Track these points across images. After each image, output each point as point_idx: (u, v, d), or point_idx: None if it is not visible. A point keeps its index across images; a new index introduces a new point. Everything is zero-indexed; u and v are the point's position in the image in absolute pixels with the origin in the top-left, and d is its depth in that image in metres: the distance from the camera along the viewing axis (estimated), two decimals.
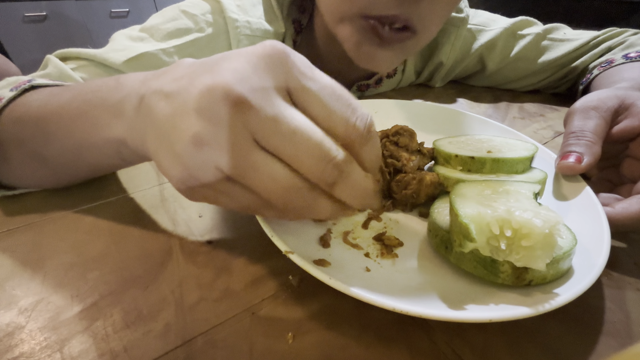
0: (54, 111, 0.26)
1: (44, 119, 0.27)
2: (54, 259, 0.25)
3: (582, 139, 0.29)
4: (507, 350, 0.20)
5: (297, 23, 0.51)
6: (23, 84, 0.30)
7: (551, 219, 0.19)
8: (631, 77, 0.42)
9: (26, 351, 0.19)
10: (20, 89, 0.29)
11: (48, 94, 0.28)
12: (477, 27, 0.60)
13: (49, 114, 0.26)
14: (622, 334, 0.21)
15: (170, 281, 0.23)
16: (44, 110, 0.27)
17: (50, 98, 0.27)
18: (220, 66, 0.17)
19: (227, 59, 0.18)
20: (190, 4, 0.46)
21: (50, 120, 0.26)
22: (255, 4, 0.48)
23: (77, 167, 0.29)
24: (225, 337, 0.20)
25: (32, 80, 0.31)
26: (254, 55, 0.17)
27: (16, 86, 0.30)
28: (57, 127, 0.26)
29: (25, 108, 0.28)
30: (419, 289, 0.22)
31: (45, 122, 0.27)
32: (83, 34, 1.88)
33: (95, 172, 0.31)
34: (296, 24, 0.51)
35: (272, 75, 0.17)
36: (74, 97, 0.26)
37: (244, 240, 0.27)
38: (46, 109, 0.27)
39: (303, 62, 0.18)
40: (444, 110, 0.42)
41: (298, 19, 0.51)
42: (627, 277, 0.25)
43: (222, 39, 0.46)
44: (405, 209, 0.31)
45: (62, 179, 0.31)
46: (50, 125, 0.26)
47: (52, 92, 0.28)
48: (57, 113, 0.26)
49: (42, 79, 0.32)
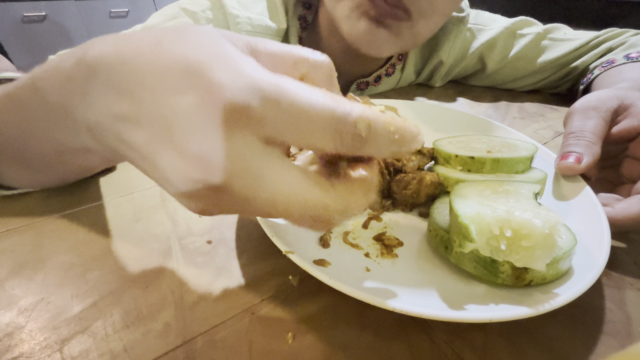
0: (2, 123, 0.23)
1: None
2: (54, 259, 0.25)
3: (581, 139, 0.29)
4: (507, 350, 0.20)
5: (302, 19, 0.52)
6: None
7: (551, 219, 0.19)
8: (632, 77, 0.42)
9: (26, 351, 0.19)
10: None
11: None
12: (477, 27, 0.60)
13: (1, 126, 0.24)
14: (622, 334, 0.21)
15: (170, 281, 0.23)
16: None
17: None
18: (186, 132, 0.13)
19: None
20: (190, 1, 0.46)
21: (10, 125, 0.24)
22: (257, 0, 0.49)
23: (60, 169, 0.27)
24: (225, 337, 0.20)
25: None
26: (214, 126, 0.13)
27: None
28: (14, 137, 0.24)
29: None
30: (419, 289, 0.22)
31: (6, 127, 0.24)
32: (82, 34, 1.88)
33: (85, 172, 0.30)
34: (302, 20, 0.52)
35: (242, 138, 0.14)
36: (7, 108, 0.23)
37: (244, 240, 0.27)
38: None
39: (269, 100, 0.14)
40: (444, 110, 0.42)
41: (304, 16, 0.52)
42: (627, 277, 0.25)
43: None
44: (405, 209, 0.31)
45: (52, 181, 0.30)
46: (5, 134, 0.24)
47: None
48: (4, 124, 0.23)
49: (10, 72, 0.29)
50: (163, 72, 0.14)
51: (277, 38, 0.50)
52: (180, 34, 0.15)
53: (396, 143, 0.16)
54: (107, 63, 0.15)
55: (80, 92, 0.17)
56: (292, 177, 0.15)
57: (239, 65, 0.14)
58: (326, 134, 0.14)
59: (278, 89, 0.13)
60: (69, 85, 0.18)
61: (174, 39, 0.15)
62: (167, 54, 0.14)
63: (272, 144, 0.14)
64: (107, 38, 0.17)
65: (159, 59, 0.14)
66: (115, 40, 0.16)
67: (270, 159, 0.14)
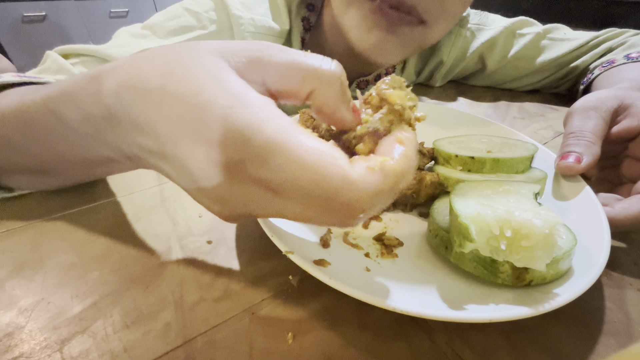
0: (16, 136, 0.24)
1: (19, 139, 0.24)
2: (54, 259, 0.25)
3: (581, 139, 0.29)
4: (507, 350, 0.20)
5: (306, 21, 0.52)
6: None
7: (551, 219, 0.19)
8: (632, 77, 0.42)
9: (26, 351, 0.19)
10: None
11: (17, 104, 0.24)
12: (477, 26, 0.61)
13: (14, 136, 0.24)
14: (622, 334, 0.21)
15: (170, 281, 0.23)
16: (5, 129, 0.24)
17: (3, 117, 0.24)
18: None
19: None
20: (193, 2, 0.46)
21: (17, 140, 0.24)
22: (260, 2, 0.48)
23: (82, 177, 0.28)
24: (225, 337, 0.20)
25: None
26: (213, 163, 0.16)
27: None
28: (33, 151, 0.24)
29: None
30: (419, 289, 0.22)
31: (26, 144, 0.24)
32: (82, 34, 1.88)
33: (103, 176, 0.31)
34: (305, 22, 0.52)
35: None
36: (27, 126, 0.23)
37: (244, 240, 0.27)
38: (7, 129, 0.24)
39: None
40: (444, 110, 0.42)
41: (307, 17, 0.52)
42: (627, 277, 0.25)
43: (225, 36, 0.46)
44: (405, 209, 0.31)
45: (67, 183, 0.30)
46: (20, 145, 0.24)
47: (7, 104, 0.25)
48: (21, 137, 0.24)
49: (8, 75, 0.30)
50: (174, 124, 0.16)
51: (279, 39, 0.50)
52: (182, 72, 0.16)
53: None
54: (124, 103, 0.17)
55: (104, 128, 0.19)
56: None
57: (236, 103, 0.15)
58: (315, 203, 0.15)
59: (268, 144, 0.14)
60: (92, 122, 0.19)
61: (177, 80, 0.16)
62: (173, 101, 0.16)
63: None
64: (117, 71, 0.18)
65: (166, 98, 0.16)
66: (126, 73, 0.17)
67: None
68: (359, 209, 0.15)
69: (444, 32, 0.44)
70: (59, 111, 0.21)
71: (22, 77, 0.30)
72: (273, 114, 0.15)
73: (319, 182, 0.14)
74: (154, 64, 0.17)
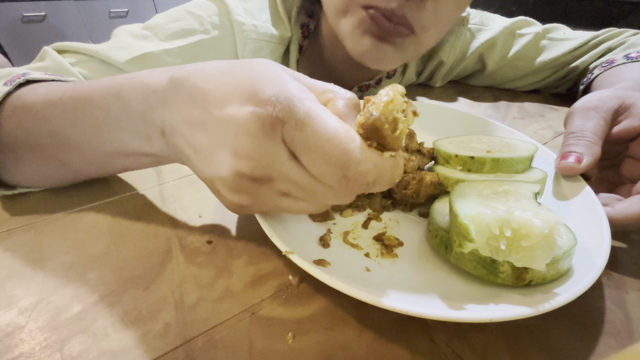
0: (62, 122, 0.26)
1: (53, 127, 0.26)
2: (54, 259, 0.25)
3: (582, 139, 0.29)
4: (507, 350, 0.20)
5: (305, 28, 0.52)
6: (17, 78, 0.29)
7: (551, 219, 0.19)
8: (632, 77, 0.42)
9: (26, 351, 0.19)
10: (15, 83, 0.28)
11: (45, 96, 0.27)
12: (477, 27, 0.61)
13: (58, 124, 0.26)
14: (622, 334, 0.21)
15: (170, 281, 0.23)
16: (50, 115, 0.26)
17: (50, 104, 0.26)
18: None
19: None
20: (196, 5, 0.45)
21: (60, 129, 0.26)
22: (262, 8, 0.48)
23: (105, 171, 0.30)
24: (225, 337, 0.20)
25: (27, 74, 0.29)
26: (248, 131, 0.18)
27: (10, 80, 0.29)
28: (73, 139, 0.26)
29: (25, 109, 0.27)
30: (419, 289, 0.22)
31: (54, 130, 0.26)
32: (82, 34, 1.88)
33: (117, 172, 0.33)
34: (304, 28, 0.52)
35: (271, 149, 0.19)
36: (78, 109, 0.25)
37: (244, 240, 0.27)
38: (52, 115, 0.26)
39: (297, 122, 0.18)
40: (444, 110, 0.42)
41: (306, 24, 0.52)
42: (627, 277, 0.25)
43: (227, 41, 0.46)
44: (405, 209, 0.31)
45: (82, 178, 0.31)
46: (61, 134, 0.26)
47: (49, 92, 0.27)
48: (65, 125, 0.26)
49: (38, 72, 0.31)
50: (230, 92, 0.19)
51: (280, 46, 0.50)
52: (248, 63, 0.20)
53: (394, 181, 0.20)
54: (191, 80, 0.20)
55: (162, 101, 0.22)
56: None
57: (286, 85, 0.18)
58: (333, 170, 0.18)
59: (307, 115, 0.18)
60: (153, 96, 0.22)
61: (243, 66, 0.20)
62: (235, 77, 0.19)
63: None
64: (194, 65, 0.22)
65: (229, 81, 0.19)
66: (201, 66, 0.21)
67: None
68: (369, 178, 0.18)
69: (437, 39, 0.44)
70: (122, 91, 0.24)
71: (50, 75, 0.31)
72: (314, 98, 0.19)
73: (343, 151, 0.17)
74: (224, 62, 0.21)
